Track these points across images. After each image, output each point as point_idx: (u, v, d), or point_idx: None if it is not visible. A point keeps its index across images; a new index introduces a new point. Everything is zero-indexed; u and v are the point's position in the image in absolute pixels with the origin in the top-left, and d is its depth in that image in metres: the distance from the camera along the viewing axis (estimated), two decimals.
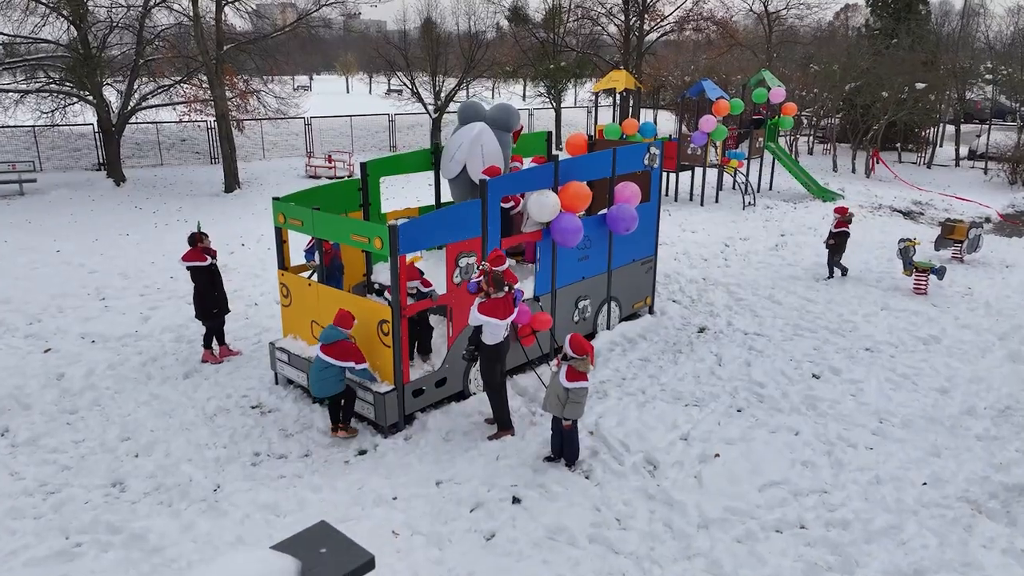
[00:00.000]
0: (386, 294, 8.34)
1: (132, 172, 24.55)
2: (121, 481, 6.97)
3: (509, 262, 7.94)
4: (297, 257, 9.43)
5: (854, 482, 6.84)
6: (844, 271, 13.42)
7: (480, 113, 9.80)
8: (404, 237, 7.30)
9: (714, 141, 19.59)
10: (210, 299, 9.46)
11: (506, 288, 7.22)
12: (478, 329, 7.41)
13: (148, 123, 26.13)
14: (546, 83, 31.29)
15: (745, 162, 21.07)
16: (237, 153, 27.23)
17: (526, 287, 9.24)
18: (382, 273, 9.85)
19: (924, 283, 12.40)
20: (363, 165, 9.49)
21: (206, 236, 9.47)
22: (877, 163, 26.26)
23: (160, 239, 16.14)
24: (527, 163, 10.73)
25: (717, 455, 7.22)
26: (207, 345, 9.68)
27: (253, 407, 8.45)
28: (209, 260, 9.36)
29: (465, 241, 8.00)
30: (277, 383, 8.97)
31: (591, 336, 10.29)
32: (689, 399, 8.52)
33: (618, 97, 27.79)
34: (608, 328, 10.54)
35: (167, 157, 27.16)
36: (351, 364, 7.49)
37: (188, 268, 9.38)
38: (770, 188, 22.56)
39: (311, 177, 24.69)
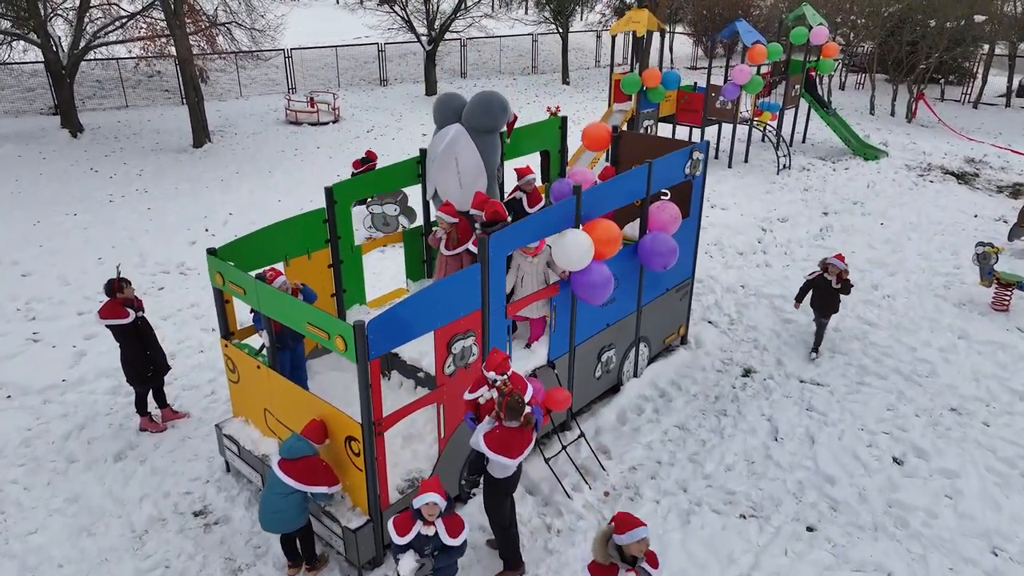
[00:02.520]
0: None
1: (92, 117, 22.06)
2: None
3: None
4: (246, 312, 7.50)
5: None
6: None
7: (456, 110, 7.60)
8: (376, 336, 5.36)
9: (748, 94, 17.14)
10: (140, 362, 7.56)
11: (524, 414, 5.30)
12: (481, 453, 5.58)
13: (107, 59, 23.36)
14: (551, 7, 28.14)
15: (779, 114, 18.67)
16: (212, 89, 24.69)
17: (538, 349, 7.34)
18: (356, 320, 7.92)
19: (1007, 299, 10.47)
20: (328, 191, 7.37)
21: (127, 284, 7.47)
22: (920, 105, 23.64)
23: (111, 219, 14.02)
24: (528, 169, 8.59)
25: None
26: (142, 411, 7.85)
27: (196, 514, 6.71)
28: (132, 315, 7.40)
29: (460, 319, 6.05)
30: (228, 471, 7.21)
31: (616, 389, 8.47)
32: (744, 504, 6.77)
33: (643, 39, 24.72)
34: (636, 375, 8.70)
35: (133, 97, 24.50)
36: (320, 489, 5.71)
37: (108, 327, 7.42)
38: (803, 140, 20.17)
39: (291, 123, 22.20)
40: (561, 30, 28.53)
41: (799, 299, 9.44)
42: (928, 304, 10.70)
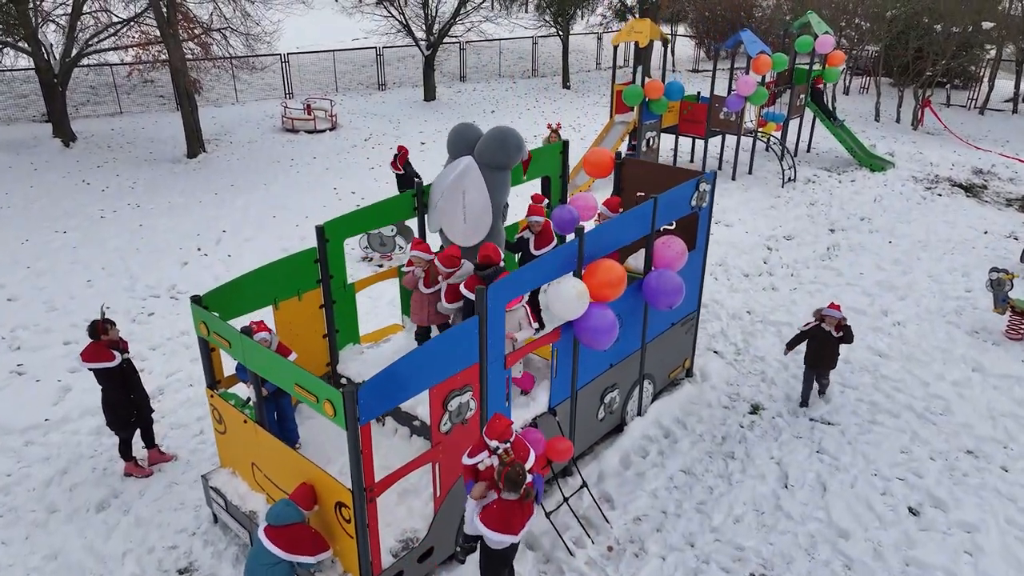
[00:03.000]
0: None
1: (86, 125, 21.70)
2: None
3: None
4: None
5: None
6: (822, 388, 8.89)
7: (471, 142, 7.26)
8: (368, 400, 5.05)
9: (753, 106, 16.81)
10: (123, 406, 7.25)
11: (524, 486, 4.99)
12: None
13: (100, 64, 22.94)
14: (552, 10, 27.74)
15: (783, 125, 18.34)
16: (208, 95, 24.26)
17: (538, 395, 7.04)
18: (350, 362, 7.63)
19: (1022, 327, 10.15)
20: (319, 230, 7.04)
21: (112, 326, 7.15)
22: (926, 112, 23.27)
23: (102, 238, 13.69)
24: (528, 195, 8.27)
25: None
26: (127, 456, 7.54)
27: (181, 572, 6.42)
28: (119, 358, 7.08)
29: (457, 375, 5.74)
30: (216, 522, 6.91)
31: (620, 428, 8.17)
32: (754, 561, 6.48)
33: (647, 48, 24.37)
34: (640, 413, 8.40)
35: (127, 103, 24.13)
36: (307, 559, 5.42)
37: (91, 370, 7.11)
38: (808, 150, 19.84)
39: (288, 131, 21.85)
40: (561, 33, 28.14)
41: (791, 347, 8.60)
42: (940, 332, 10.39)
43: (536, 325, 7.28)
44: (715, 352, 9.91)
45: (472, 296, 6.28)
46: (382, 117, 23.80)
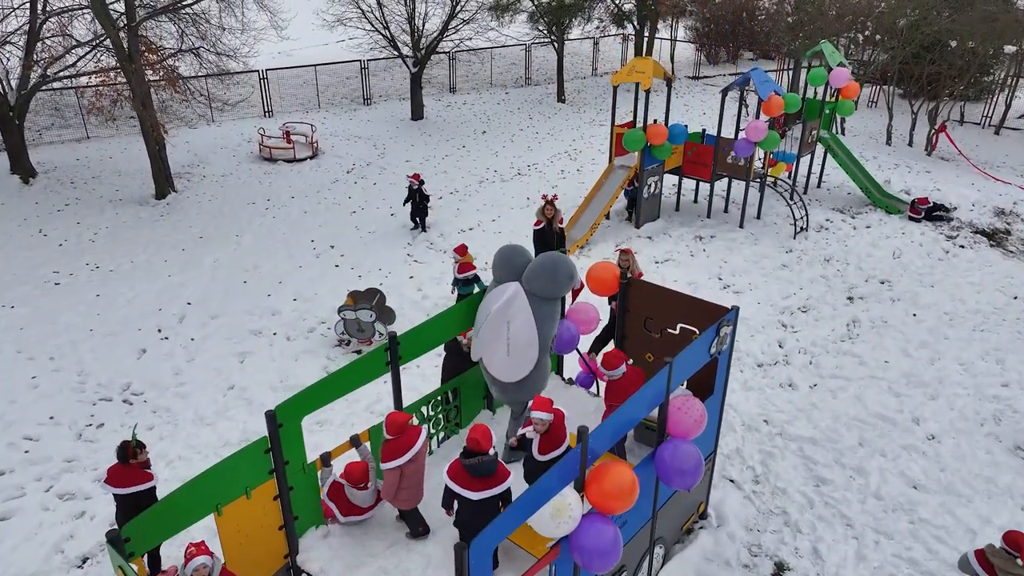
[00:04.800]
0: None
1: (49, 154, 20.32)
2: None
3: None
4: None
5: None
6: None
7: (519, 267, 6.69)
8: None
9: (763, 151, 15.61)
10: None
11: None
12: None
13: (64, 88, 21.49)
14: (546, 19, 26.25)
15: (794, 164, 17.16)
16: (183, 115, 22.82)
17: None
18: (313, 550, 6.51)
19: None
20: (271, 417, 5.86)
21: (142, 448, 6.59)
22: (941, 137, 22.07)
23: (54, 314, 12.47)
24: None
25: None
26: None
27: None
28: (151, 482, 6.53)
29: None
30: None
31: None
32: None
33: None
34: None
35: (94, 127, 22.66)
36: None
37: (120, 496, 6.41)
38: (819, 185, 18.66)
39: (266, 159, 20.53)
40: (557, 45, 26.71)
41: None
42: (980, 451, 9.34)
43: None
44: (731, 481, 8.84)
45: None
46: (366, 141, 22.47)
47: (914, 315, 12.65)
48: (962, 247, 15.46)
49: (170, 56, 18.02)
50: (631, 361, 7.50)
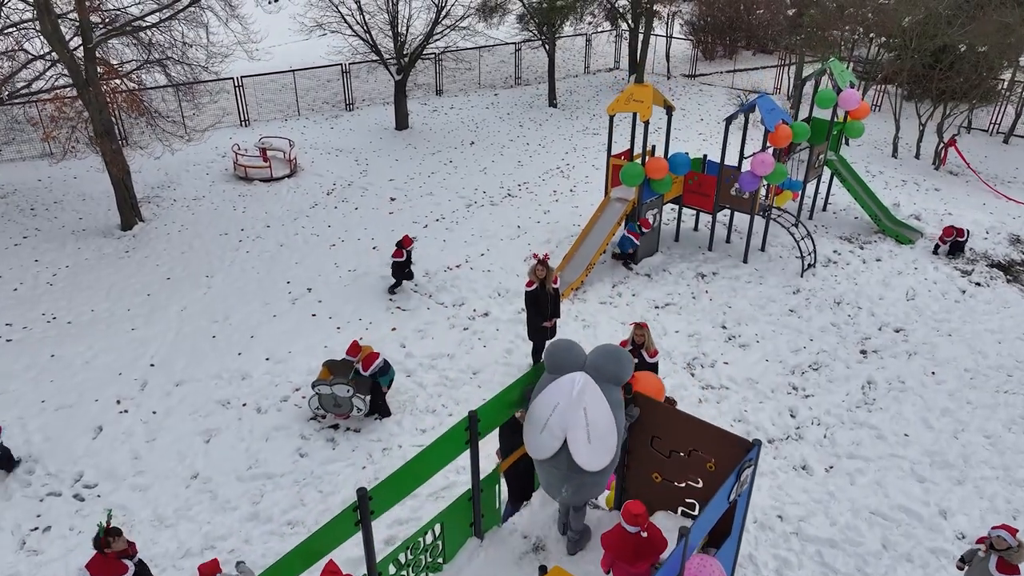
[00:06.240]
0: None
1: (9, 174, 19.14)
2: None
3: None
4: None
5: None
6: None
7: (579, 357, 6.72)
8: None
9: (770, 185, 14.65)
10: None
11: None
12: None
13: (25, 102, 20.14)
14: (536, 20, 24.97)
15: (800, 192, 16.19)
16: (154, 131, 21.52)
17: None
18: None
19: None
20: None
21: (118, 534, 6.61)
22: (950, 150, 21.13)
23: (4, 379, 11.46)
24: None
25: None
26: None
27: None
28: (131, 568, 6.60)
29: None
30: None
31: None
32: None
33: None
34: None
35: (57, 143, 21.31)
36: None
37: None
38: (824, 208, 17.72)
39: (241, 179, 19.38)
40: (547, 46, 25.46)
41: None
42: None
43: None
44: None
45: None
46: (348, 155, 21.30)
47: (932, 374, 11.82)
48: (978, 285, 14.60)
49: (134, 71, 16.78)
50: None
